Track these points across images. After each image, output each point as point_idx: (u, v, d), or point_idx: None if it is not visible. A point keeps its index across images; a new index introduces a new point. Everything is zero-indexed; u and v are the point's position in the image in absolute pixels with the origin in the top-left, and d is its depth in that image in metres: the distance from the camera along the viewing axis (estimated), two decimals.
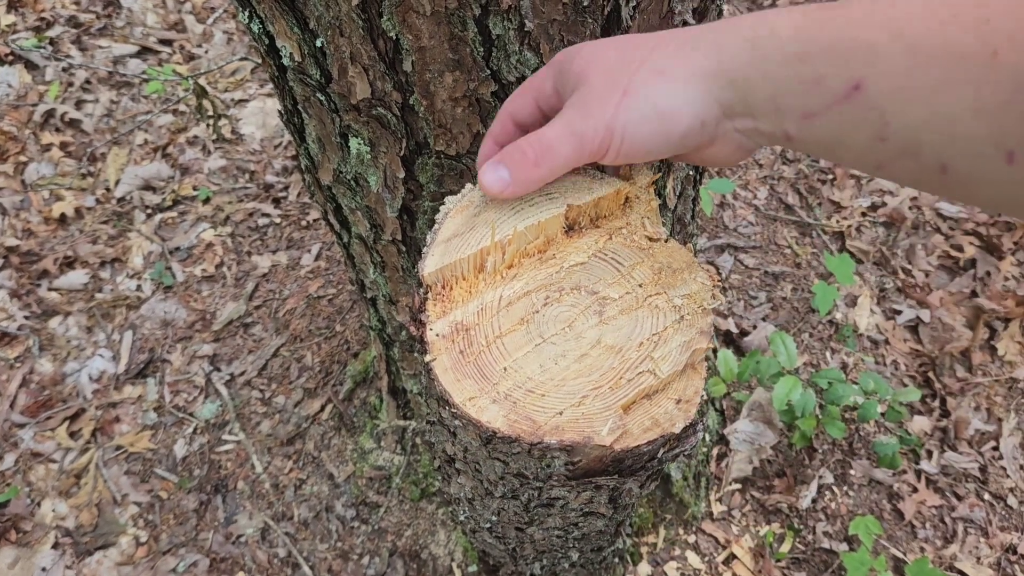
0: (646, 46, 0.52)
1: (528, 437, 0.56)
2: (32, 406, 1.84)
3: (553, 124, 0.54)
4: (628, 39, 0.54)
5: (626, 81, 0.51)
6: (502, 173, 0.56)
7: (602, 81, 0.52)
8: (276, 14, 0.73)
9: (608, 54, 0.53)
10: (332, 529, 1.67)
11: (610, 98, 0.51)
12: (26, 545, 1.65)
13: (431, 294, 0.61)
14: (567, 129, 0.53)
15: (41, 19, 2.56)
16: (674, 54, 0.50)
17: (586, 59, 0.54)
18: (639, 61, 0.51)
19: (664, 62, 0.50)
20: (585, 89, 0.53)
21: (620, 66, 0.51)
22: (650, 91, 0.50)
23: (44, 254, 2.10)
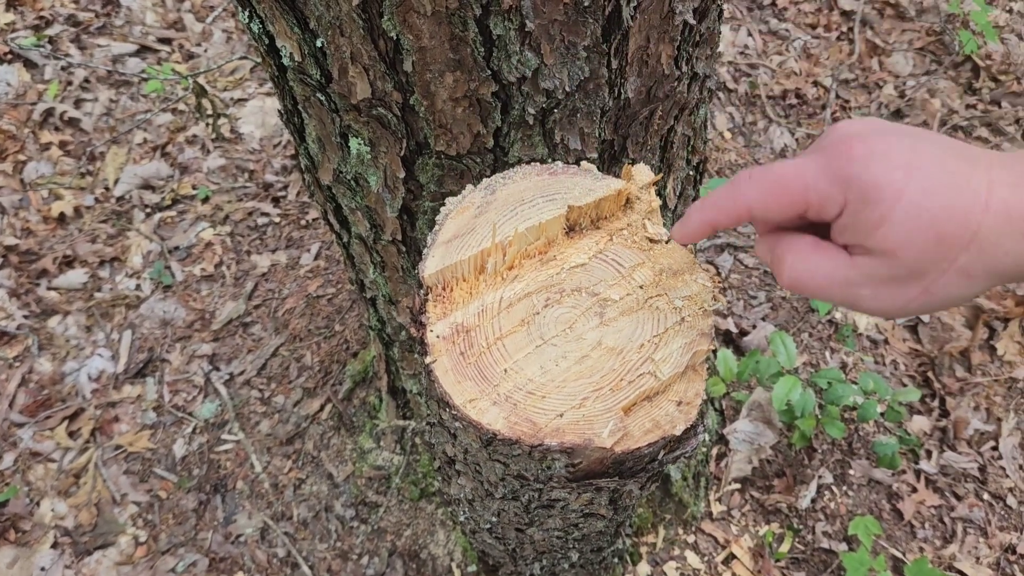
0: (965, 231, 0.44)
1: (529, 439, 0.55)
2: (31, 405, 1.84)
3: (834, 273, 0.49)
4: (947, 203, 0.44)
5: (932, 279, 0.46)
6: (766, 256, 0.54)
7: (909, 269, 0.46)
8: (276, 14, 0.73)
9: (925, 233, 0.45)
10: (331, 529, 1.67)
11: (908, 290, 0.47)
12: (25, 545, 1.65)
13: (432, 295, 0.61)
14: (845, 291, 0.49)
15: (40, 18, 2.55)
16: (986, 258, 0.44)
17: (898, 231, 0.45)
18: (952, 256, 0.45)
19: (974, 266, 0.45)
20: (886, 267, 0.47)
21: (935, 255, 0.45)
22: (949, 293, 0.47)
23: (43, 253, 2.10)
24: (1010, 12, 2.77)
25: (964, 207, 0.44)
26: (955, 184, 0.44)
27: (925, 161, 0.45)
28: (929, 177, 0.44)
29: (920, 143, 0.46)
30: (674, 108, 0.91)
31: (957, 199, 0.44)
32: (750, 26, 2.78)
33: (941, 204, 0.44)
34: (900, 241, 0.45)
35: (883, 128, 0.48)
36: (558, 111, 0.79)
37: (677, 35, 0.81)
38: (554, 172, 0.64)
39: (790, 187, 0.49)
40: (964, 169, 0.44)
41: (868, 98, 2.58)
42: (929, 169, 0.45)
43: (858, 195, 0.46)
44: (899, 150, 0.45)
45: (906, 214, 0.44)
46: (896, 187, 0.44)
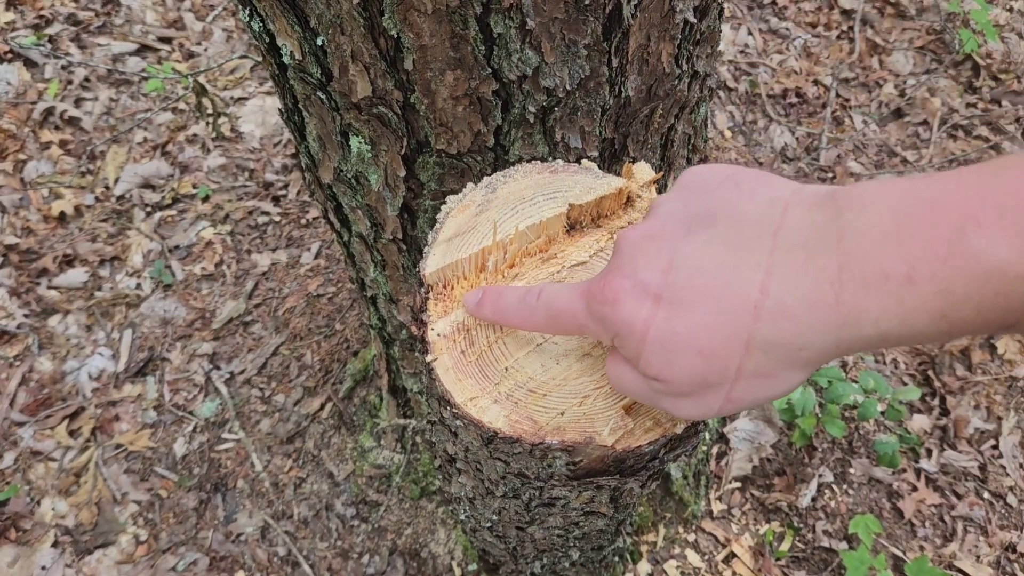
0: (734, 346, 0.41)
1: (530, 438, 0.55)
2: (32, 404, 1.84)
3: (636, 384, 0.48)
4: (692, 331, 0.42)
5: (725, 391, 0.44)
6: None
7: (688, 387, 0.44)
8: (277, 12, 0.73)
9: (685, 360, 0.42)
10: (332, 528, 1.67)
11: (708, 400, 0.45)
12: (26, 544, 1.65)
13: (432, 294, 0.61)
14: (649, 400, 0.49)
15: (40, 16, 2.55)
16: (777, 357, 0.41)
17: (657, 363, 0.44)
18: (735, 369, 0.42)
19: (767, 367, 0.41)
20: (669, 388, 0.45)
21: (707, 375, 0.43)
22: (756, 393, 0.44)
23: (43, 252, 2.10)
24: (1010, 11, 2.77)
25: (725, 317, 0.40)
26: (712, 295, 0.41)
27: (678, 280, 0.42)
28: (680, 300, 0.42)
29: (679, 253, 0.43)
30: (675, 106, 0.91)
31: (714, 309, 0.41)
32: (750, 25, 2.78)
33: (694, 322, 0.41)
34: (661, 368, 0.44)
35: (653, 234, 0.45)
36: (559, 109, 0.79)
37: (678, 33, 0.81)
38: (555, 170, 0.64)
39: (567, 323, 0.50)
40: (727, 271, 0.41)
41: (868, 97, 2.58)
42: (681, 291, 0.42)
43: (613, 334, 0.46)
44: (651, 276, 0.43)
45: (656, 345, 0.43)
46: (643, 321, 0.43)
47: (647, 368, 0.44)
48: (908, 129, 2.49)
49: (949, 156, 2.39)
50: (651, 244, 0.45)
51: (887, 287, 0.36)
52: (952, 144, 2.44)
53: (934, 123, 2.47)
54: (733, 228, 0.42)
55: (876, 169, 2.38)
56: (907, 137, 2.47)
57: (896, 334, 0.37)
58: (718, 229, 0.43)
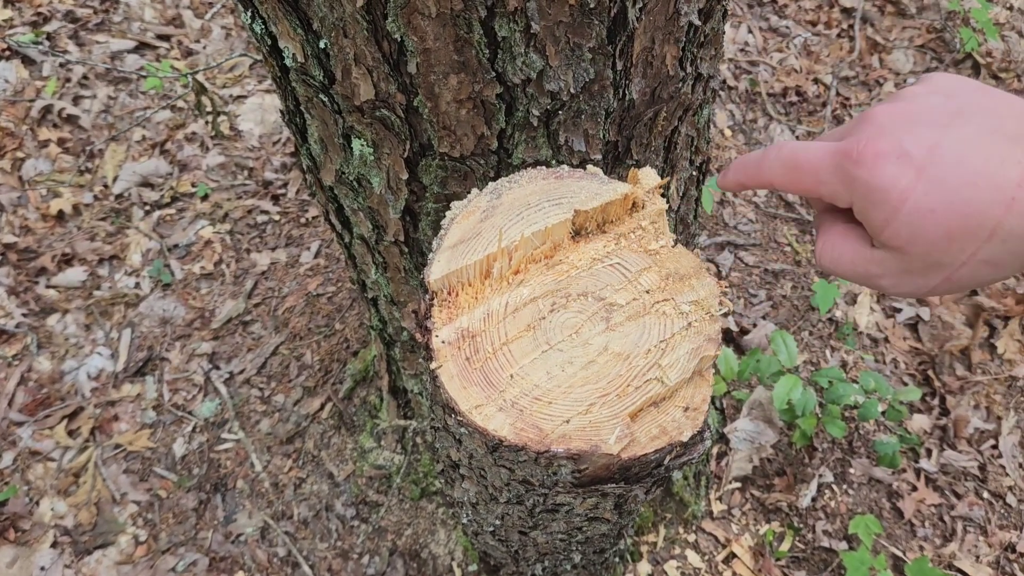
0: (983, 227, 0.43)
1: (535, 446, 0.55)
2: (30, 404, 1.83)
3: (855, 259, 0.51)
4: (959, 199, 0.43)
5: (952, 269, 0.46)
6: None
7: (922, 263, 0.46)
8: (279, 15, 0.72)
9: (933, 231, 0.44)
10: (332, 528, 1.67)
11: (928, 280, 0.47)
12: (25, 544, 1.64)
13: (437, 300, 0.60)
14: (868, 278, 0.51)
15: (38, 14, 2.54)
16: (1010, 248, 0.43)
17: (904, 230, 0.45)
18: (971, 251, 0.44)
19: (998, 256, 0.44)
20: (899, 261, 0.47)
21: (947, 250, 0.45)
22: (976, 279, 0.46)
23: (42, 251, 2.09)
24: (1010, 9, 2.77)
25: (981, 205, 0.43)
26: (974, 182, 0.43)
27: (943, 160, 0.44)
28: (942, 179, 0.44)
29: (946, 138, 0.45)
30: (678, 109, 0.90)
31: (973, 197, 0.43)
32: (750, 23, 2.77)
33: (954, 202, 0.43)
34: (907, 240, 0.45)
35: (914, 117, 0.47)
36: (563, 113, 0.78)
37: (682, 36, 0.80)
38: (560, 176, 0.64)
39: (804, 177, 0.50)
40: (992, 163, 0.43)
41: (868, 95, 2.58)
42: (944, 170, 0.44)
43: (863, 197, 0.47)
44: (916, 150, 0.45)
45: (911, 216, 0.44)
46: (902, 189, 0.45)
47: (893, 237, 0.46)
48: None
49: None
50: (916, 123, 0.46)
51: None
52: None
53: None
54: (995, 127, 0.44)
55: None
56: None
57: None
58: (981, 126, 0.45)
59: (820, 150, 0.49)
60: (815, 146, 0.50)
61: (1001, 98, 0.47)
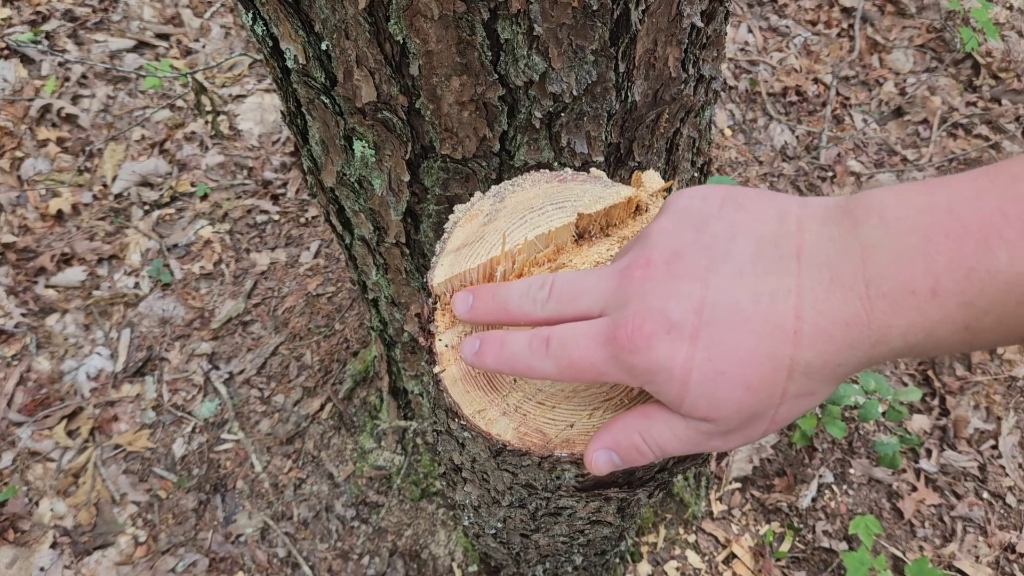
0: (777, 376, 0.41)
1: (538, 450, 0.55)
2: (30, 404, 1.83)
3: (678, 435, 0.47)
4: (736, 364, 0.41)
5: (769, 416, 0.44)
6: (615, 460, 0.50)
7: (736, 422, 0.44)
8: (281, 16, 0.72)
9: (730, 395, 0.42)
10: (332, 529, 1.66)
11: (753, 431, 0.45)
12: (24, 545, 1.64)
13: (440, 304, 0.60)
14: (696, 445, 0.47)
15: (37, 13, 2.53)
16: (817, 377, 0.41)
17: (702, 404, 0.43)
18: (779, 396, 0.42)
19: (808, 387, 0.42)
20: (714, 426, 0.45)
21: (755, 405, 0.43)
22: (800, 410, 0.44)
23: (41, 251, 2.08)
24: (1010, 9, 2.77)
25: (768, 350, 0.41)
26: (752, 330, 0.41)
27: (713, 318, 0.41)
28: (719, 339, 0.41)
29: (709, 290, 0.42)
30: (680, 111, 0.90)
31: (757, 345, 0.41)
32: (750, 22, 2.77)
33: (738, 359, 0.41)
34: (708, 408, 0.43)
35: (672, 272, 0.44)
36: (565, 115, 0.78)
37: (684, 38, 0.80)
38: (563, 179, 0.64)
39: (584, 373, 0.47)
40: (763, 303, 0.41)
41: (868, 95, 2.58)
42: (717, 329, 0.41)
43: (648, 382, 0.44)
44: (683, 316, 0.42)
45: (701, 386, 0.42)
46: (682, 364, 0.42)
47: (693, 410, 0.43)
48: (908, 128, 2.49)
49: (949, 155, 2.39)
50: (674, 280, 0.43)
51: (913, 302, 0.36)
52: (952, 143, 2.43)
53: (934, 122, 2.47)
54: (754, 254, 0.42)
55: (876, 168, 2.38)
56: (907, 136, 2.47)
57: (921, 346, 0.38)
58: (740, 258, 0.42)
59: (591, 341, 0.46)
60: (584, 336, 0.46)
61: (751, 207, 0.44)
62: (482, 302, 0.55)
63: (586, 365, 0.46)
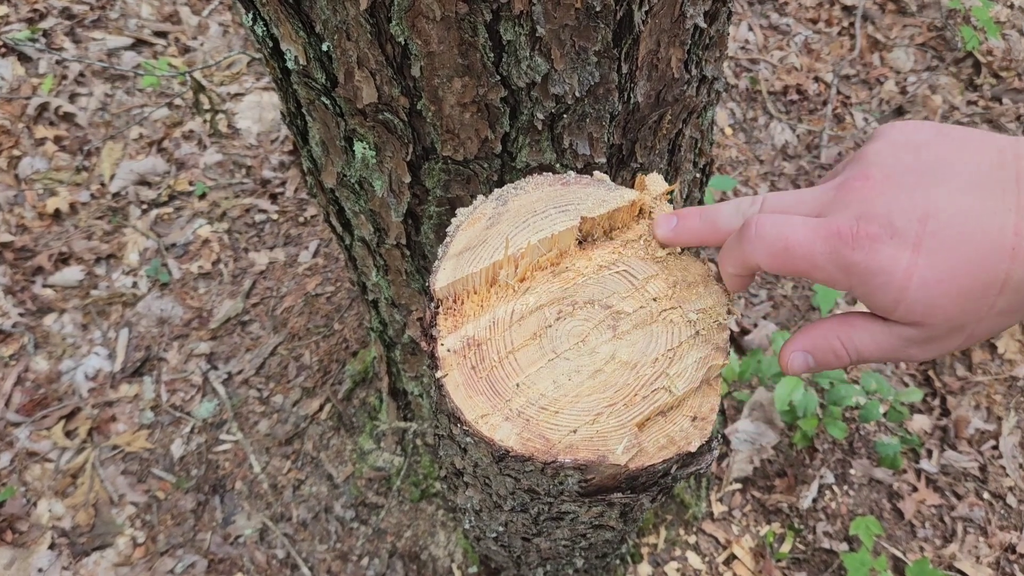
0: (993, 286, 0.43)
1: (542, 456, 0.54)
2: (27, 405, 1.82)
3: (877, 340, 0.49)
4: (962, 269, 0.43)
5: (970, 330, 0.46)
6: (810, 362, 0.54)
7: (943, 329, 0.46)
8: (282, 17, 0.71)
9: (945, 302, 0.44)
10: (331, 530, 1.66)
11: (951, 342, 0.47)
12: (22, 546, 1.63)
13: (442, 308, 0.60)
14: (893, 353, 0.49)
15: (34, 10, 2.52)
16: (1022, 295, 0.44)
17: (916, 309, 0.45)
18: (986, 309, 0.44)
19: (1012, 305, 0.44)
20: (919, 331, 0.47)
21: (963, 313, 0.45)
22: (994, 329, 0.47)
23: (38, 250, 2.08)
24: (1011, 8, 2.76)
25: (986, 263, 0.43)
26: (973, 243, 0.43)
27: (937, 228, 0.43)
28: (941, 248, 0.43)
29: (932, 203, 0.44)
30: (683, 112, 0.90)
31: (976, 257, 0.43)
32: (751, 21, 2.76)
33: (957, 268, 0.43)
34: (923, 314, 0.45)
35: (894, 184, 0.46)
36: (567, 116, 0.77)
37: (687, 38, 0.80)
38: (566, 182, 0.63)
39: (797, 262, 0.48)
40: (985, 218, 0.43)
41: (869, 94, 2.57)
42: (940, 239, 0.43)
43: (864, 283, 0.46)
44: (907, 224, 0.44)
45: (920, 292, 0.44)
46: (904, 268, 0.44)
47: (908, 314, 0.45)
48: None
49: None
50: (897, 191, 0.45)
51: None
52: None
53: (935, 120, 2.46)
54: (974, 175, 0.44)
55: None
56: None
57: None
58: (961, 178, 0.44)
59: (810, 231, 0.47)
60: (802, 224, 0.48)
61: (964, 139, 0.46)
62: (688, 222, 0.58)
63: (803, 253, 0.47)
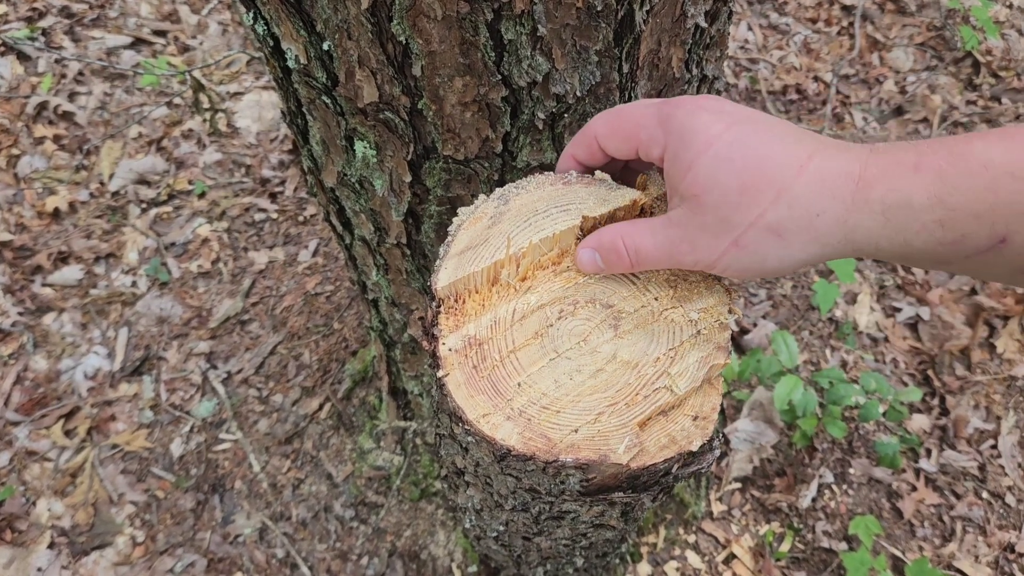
0: (772, 185, 0.48)
1: (543, 455, 0.54)
2: (27, 404, 1.82)
3: (656, 236, 0.54)
4: (758, 154, 0.49)
5: (740, 231, 0.49)
6: (598, 261, 0.59)
7: (714, 216, 0.50)
8: (282, 16, 0.71)
9: (728, 180, 0.48)
10: (331, 529, 1.66)
11: (719, 241, 0.51)
12: (21, 545, 1.63)
13: (443, 307, 0.60)
14: (667, 250, 0.54)
15: (33, 9, 2.52)
16: (796, 215, 0.48)
17: (705, 173, 0.49)
18: (759, 210, 0.48)
19: (784, 223, 0.48)
20: (694, 215, 0.51)
21: (738, 204, 0.49)
22: (763, 251, 0.50)
23: (38, 249, 2.07)
24: (1010, 7, 2.76)
25: (775, 164, 0.48)
26: (773, 145, 0.49)
27: (750, 124, 0.50)
28: (746, 135, 0.49)
29: (756, 117, 0.50)
30: None
31: (769, 156, 0.48)
32: (750, 20, 2.76)
33: (750, 156, 0.48)
34: (704, 186, 0.49)
35: (727, 102, 0.53)
36: (568, 116, 0.77)
37: (688, 38, 0.80)
38: (568, 182, 0.63)
39: (625, 123, 0.55)
40: (788, 140, 0.49)
41: (868, 93, 2.57)
42: (749, 128, 0.49)
43: (676, 137, 0.51)
44: (729, 112, 0.50)
45: (713, 160, 0.49)
46: (710, 135, 0.49)
47: (692, 184, 0.50)
48: (908, 126, 2.48)
49: None
50: (723, 102, 0.52)
51: (899, 170, 0.45)
52: None
53: (934, 120, 2.47)
54: (792, 129, 0.51)
55: None
56: (907, 134, 2.46)
57: (897, 218, 0.45)
58: (784, 125, 0.51)
59: (643, 103, 0.55)
60: (638, 102, 0.56)
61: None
62: None
63: (629, 114, 0.55)
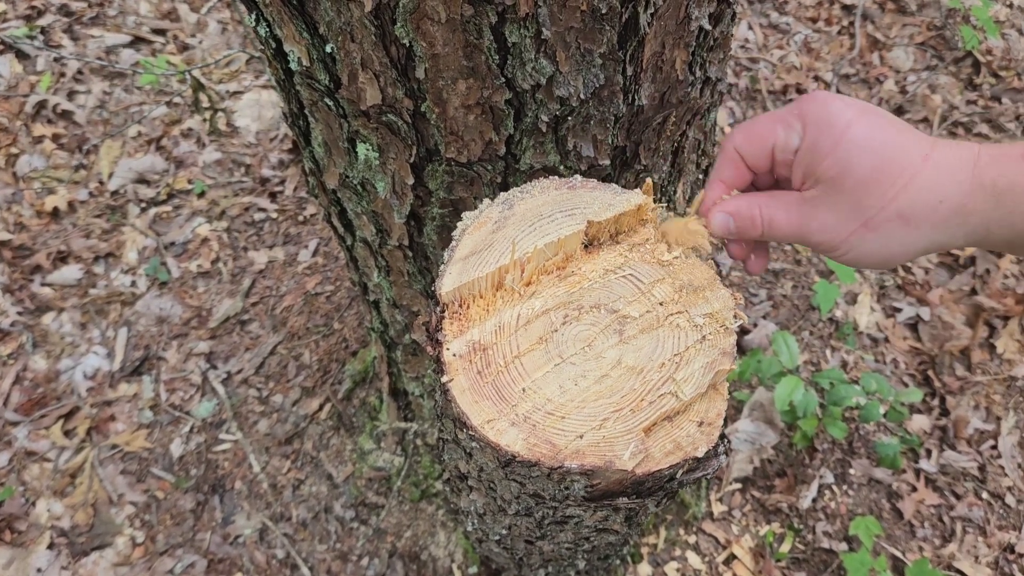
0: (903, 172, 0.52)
1: (548, 461, 0.54)
2: (26, 404, 1.81)
3: (789, 211, 0.58)
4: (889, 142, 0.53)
5: (872, 213, 0.54)
6: (731, 225, 0.62)
7: (849, 198, 0.54)
8: (285, 18, 0.71)
9: (863, 163, 0.53)
10: (331, 530, 1.66)
11: (850, 222, 0.55)
12: (21, 545, 1.63)
13: (448, 312, 0.59)
14: (799, 225, 0.58)
15: (32, 7, 2.51)
16: (922, 201, 0.52)
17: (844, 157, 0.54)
18: (891, 195, 0.53)
19: (913, 208, 0.53)
20: (829, 195, 0.55)
21: (873, 186, 0.53)
22: (890, 234, 0.54)
23: (37, 248, 2.07)
24: (1011, 7, 2.76)
25: (904, 151, 0.52)
26: (900, 135, 0.53)
27: (876, 115, 0.54)
28: (878, 123, 0.54)
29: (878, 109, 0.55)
30: (687, 113, 0.89)
31: (900, 142, 0.53)
32: (751, 20, 2.76)
33: (885, 141, 0.53)
34: (843, 167, 0.53)
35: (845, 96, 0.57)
36: (572, 118, 0.77)
37: (692, 40, 0.79)
38: (572, 186, 0.63)
39: (760, 126, 0.59)
40: (910, 131, 0.54)
41: (869, 93, 2.57)
42: (879, 119, 0.54)
43: (815, 124, 0.55)
44: (856, 103, 0.55)
45: (852, 143, 0.53)
46: (848, 120, 0.54)
47: (832, 166, 0.54)
48: None
49: None
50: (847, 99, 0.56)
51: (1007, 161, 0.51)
52: None
53: (935, 120, 2.47)
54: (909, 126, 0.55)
55: None
56: None
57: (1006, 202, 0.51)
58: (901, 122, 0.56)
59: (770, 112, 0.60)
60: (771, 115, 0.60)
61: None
62: None
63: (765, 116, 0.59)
